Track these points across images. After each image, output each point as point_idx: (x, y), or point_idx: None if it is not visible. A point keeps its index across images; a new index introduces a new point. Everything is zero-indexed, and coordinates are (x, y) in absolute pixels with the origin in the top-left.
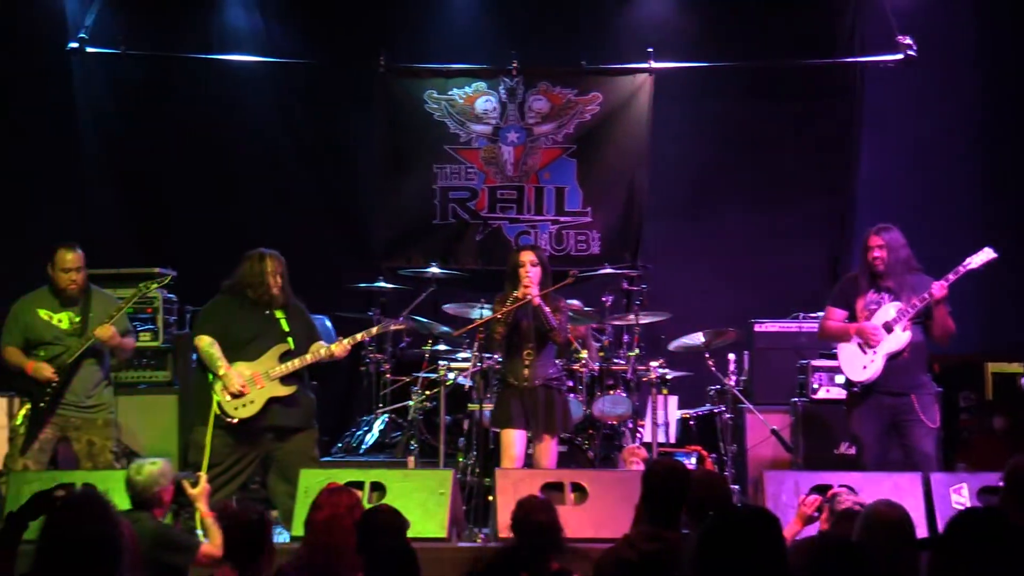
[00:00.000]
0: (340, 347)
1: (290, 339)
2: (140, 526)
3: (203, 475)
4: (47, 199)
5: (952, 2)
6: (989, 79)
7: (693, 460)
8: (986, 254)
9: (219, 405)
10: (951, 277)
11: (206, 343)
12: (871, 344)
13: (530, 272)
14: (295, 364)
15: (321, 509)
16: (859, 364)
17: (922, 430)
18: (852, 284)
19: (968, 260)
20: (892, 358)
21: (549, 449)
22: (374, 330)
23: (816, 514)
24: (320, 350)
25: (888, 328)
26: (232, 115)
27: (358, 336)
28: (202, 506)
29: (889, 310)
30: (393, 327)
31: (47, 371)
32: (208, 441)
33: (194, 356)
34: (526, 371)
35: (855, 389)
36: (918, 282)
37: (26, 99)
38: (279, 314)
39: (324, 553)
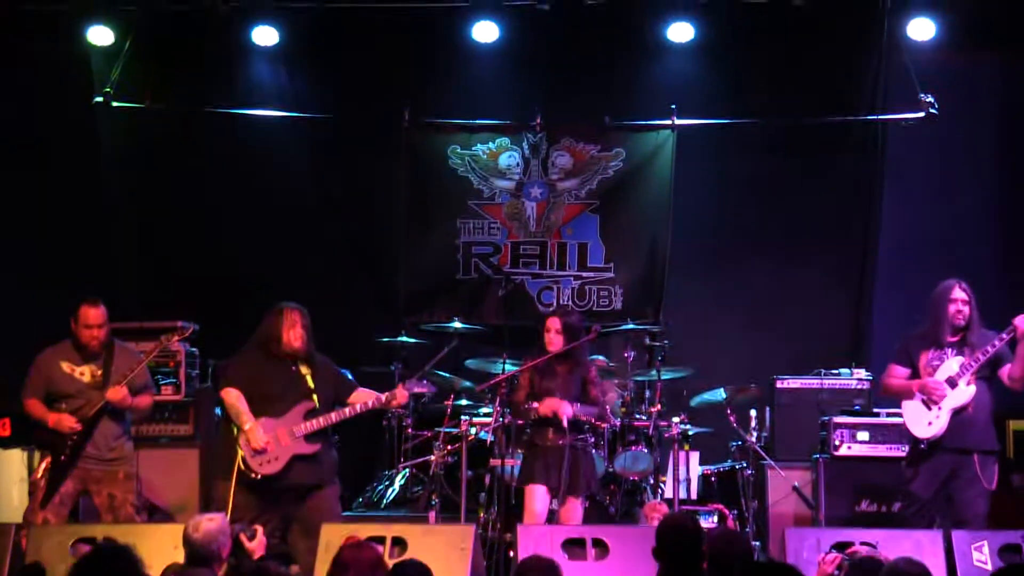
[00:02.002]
0: (401, 393)
1: (315, 396)
2: None
3: (259, 528)
4: (70, 252)
5: (974, 59)
6: (1010, 134)
7: (715, 518)
8: None
9: (243, 460)
10: None
11: (233, 396)
12: (934, 400)
13: (553, 339)
14: (320, 422)
15: (345, 568)
16: (924, 420)
17: (977, 489)
18: (916, 340)
19: None
20: (956, 413)
21: (575, 510)
22: (415, 388)
23: (836, 572)
24: (368, 400)
25: (952, 383)
26: (257, 170)
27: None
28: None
29: (952, 365)
30: (416, 390)
31: (69, 421)
32: (231, 496)
33: (218, 409)
34: (551, 431)
35: (922, 446)
36: (981, 336)
37: (51, 153)
38: (305, 370)
39: None
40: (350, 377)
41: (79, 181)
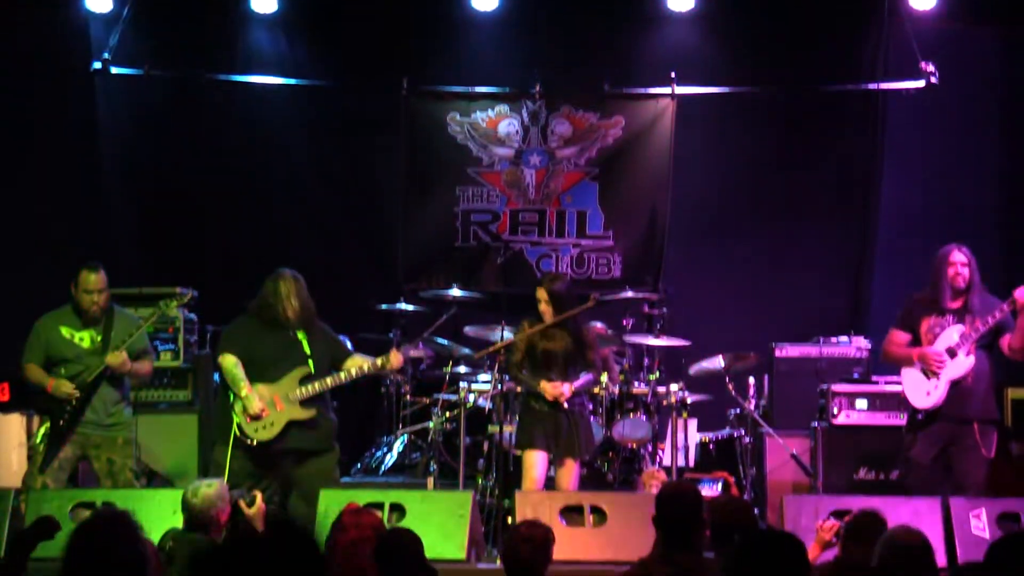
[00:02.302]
0: (396, 357)
1: (311, 362)
2: (197, 547)
3: (259, 494)
4: (69, 218)
5: (975, 28)
6: (1011, 103)
7: (719, 486)
8: None
9: (239, 426)
10: None
11: (231, 363)
12: (933, 370)
13: (545, 310)
14: (315, 387)
15: (345, 531)
16: (923, 390)
17: (977, 458)
18: (917, 306)
19: None
20: (955, 384)
21: (571, 473)
22: (411, 352)
23: (834, 539)
24: (363, 365)
25: (951, 353)
26: (256, 136)
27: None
28: (258, 526)
29: (952, 334)
30: (413, 354)
31: (68, 387)
32: (227, 461)
33: (216, 376)
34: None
35: (919, 416)
36: (985, 302)
37: (49, 119)
38: (301, 336)
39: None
40: (348, 344)
41: (77, 147)
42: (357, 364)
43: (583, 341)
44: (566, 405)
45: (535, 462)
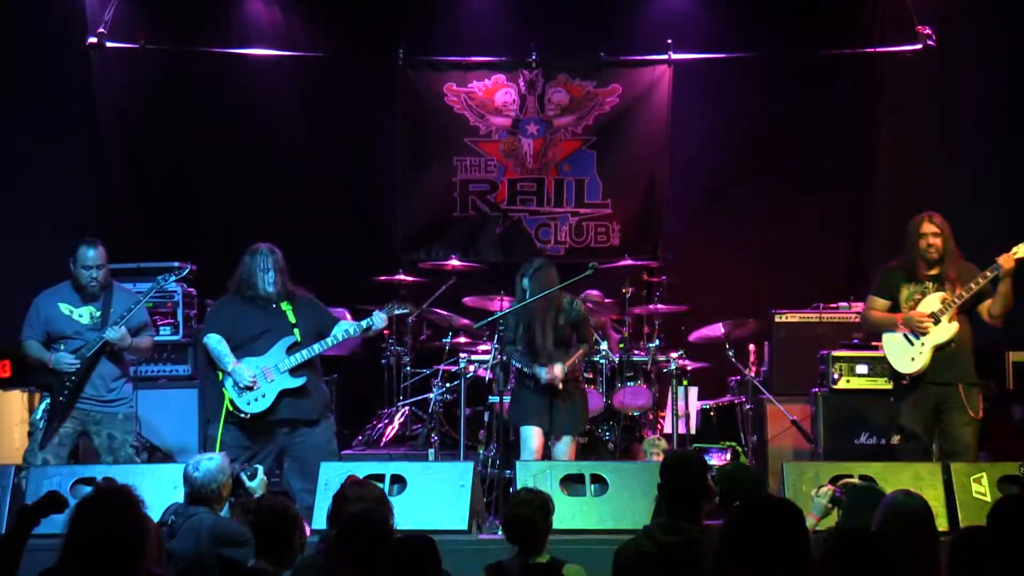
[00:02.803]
0: (379, 316)
1: (296, 331)
2: (198, 521)
3: (260, 468)
4: (66, 194)
5: None
6: (1008, 65)
7: (728, 456)
8: None
9: (231, 402)
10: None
11: (214, 341)
12: (919, 334)
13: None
14: (303, 355)
15: (348, 502)
16: (907, 356)
17: (963, 419)
18: (895, 273)
19: (1017, 248)
20: (939, 349)
21: (568, 448)
22: (384, 312)
23: (829, 505)
24: (348, 328)
25: (935, 319)
26: (252, 109)
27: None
28: None
29: (934, 300)
30: (397, 311)
31: (68, 360)
32: (220, 437)
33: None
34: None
35: (904, 381)
36: (963, 270)
37: (45, 94)
38: (285, 306)
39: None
40: (348, 318)
41: (74, 122)
42: (343, 328)
43: (576, 320)
44: (560, 386)
45: (531, 435)
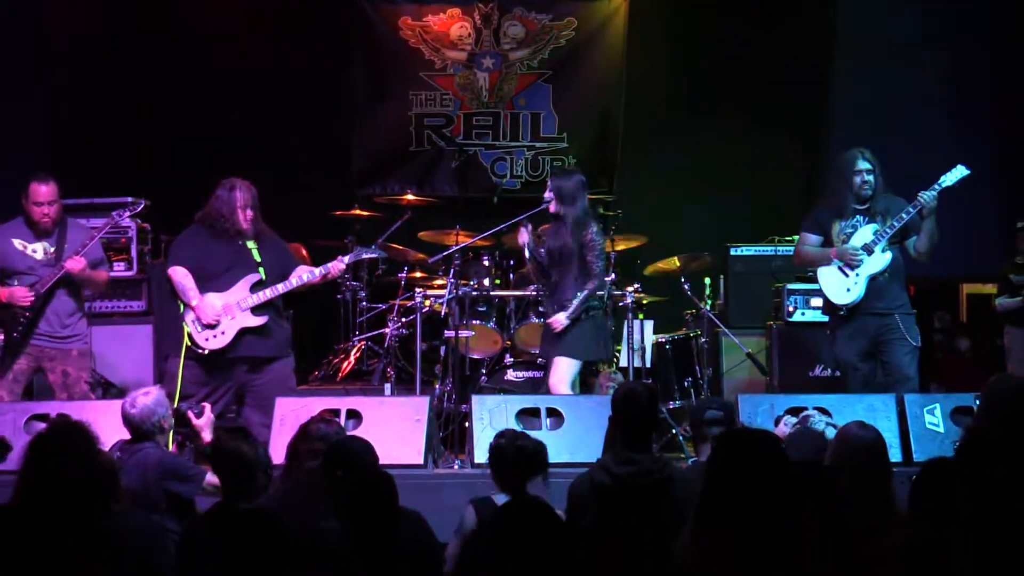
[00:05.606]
0: (335, 264)
1: (261, 269)
2: (144, 456)
3: (207, 405)
4: (16, 125)
5: None
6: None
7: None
8: (960, 171)
9: (190, 336)
10: (935, 190)
11: (180, 274)
12: (852, 266)
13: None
14: (266, 294)
15: (307, 440)
16: (842, 287)
17: (904, 349)
18: (825, 210)
19: (943, 177)
20: (873, 279)
21: (554, 368)
22: (346, 259)
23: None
24: (303, 275)
25: (868, 250)
26: (209, 44)
27: (345, 259)
28: (206, 436)
29: (867, 232)
30: (366, 256)
31: (22, 293)
32: (180, 372)
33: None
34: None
35: (841, 312)
36: (891, 203)
37: None
38: (251, 245)
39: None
40: (304, 253)
41: (20, 50)
42: (305, 271)
43: (583, 243)
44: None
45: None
